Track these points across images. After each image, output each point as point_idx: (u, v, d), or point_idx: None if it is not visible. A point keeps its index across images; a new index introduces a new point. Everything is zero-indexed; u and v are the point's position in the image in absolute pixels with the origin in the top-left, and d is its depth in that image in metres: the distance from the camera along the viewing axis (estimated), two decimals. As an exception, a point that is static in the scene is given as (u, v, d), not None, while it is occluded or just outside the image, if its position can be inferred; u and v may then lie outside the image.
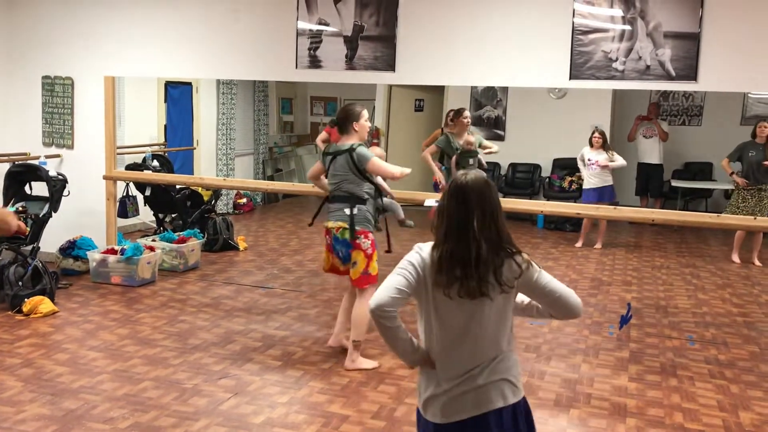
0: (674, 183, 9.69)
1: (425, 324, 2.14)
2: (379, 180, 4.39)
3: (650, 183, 9.73)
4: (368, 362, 4.28)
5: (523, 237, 8.66)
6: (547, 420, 3.65)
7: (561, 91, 9.91)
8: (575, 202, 8.86)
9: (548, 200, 9.56)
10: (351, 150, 4.16)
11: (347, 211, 4.19)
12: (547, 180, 10.11)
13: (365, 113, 4.27)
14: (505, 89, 10.27)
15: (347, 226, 4.20)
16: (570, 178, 9.77)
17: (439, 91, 10.50)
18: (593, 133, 8.16)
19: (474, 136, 6.59)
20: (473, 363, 2.07)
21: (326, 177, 4.38)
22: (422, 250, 2.11)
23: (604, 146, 8.10)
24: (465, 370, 2.07)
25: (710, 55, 4.66)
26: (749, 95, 9.97)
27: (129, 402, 3.67)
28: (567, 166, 9.80)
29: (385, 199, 4.57)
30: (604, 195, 8.04)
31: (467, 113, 6.65)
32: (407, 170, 4.30)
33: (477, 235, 2.02)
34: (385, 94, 10.74)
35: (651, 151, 9.63)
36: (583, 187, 8.24)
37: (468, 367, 2.07)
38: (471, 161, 6.39)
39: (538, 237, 8.87)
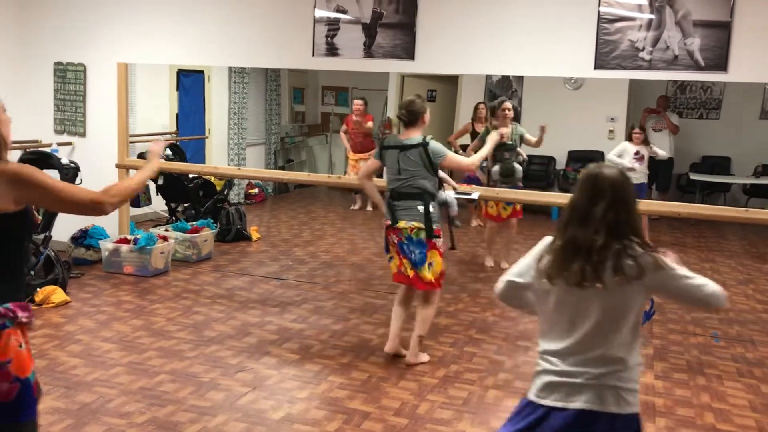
0: (693, 176, 9.54)
1: (541, 309, 2.11)
2: (443, 174, 4.25)
3: (658, 177, 9.58)
4: (425, 356, 4.20)
5: (537, 229, 8.53)
6: (574, 419, 3.54)
7: (577, 82, 9.75)
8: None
9: (563, 193, 9.42)
10: (425, 144, 3.99)
11: (421, 208, 3.96)
12: (562, 172, 9.97)
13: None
14: (520, 80, 10.11)
15: (422, 226, 3.97)
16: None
17: (452, 81, 10.36)
18: (633, 129, 7.88)
19: (511, 129, 6.37)
20: (582, 357, 2.00)
21: (385, 173, 4.16)
22: (546, 240, 2.14)
23: (645, 141, 7.87)
24: (575, 362, 2.01)
25: (742, 45, 4.53)
26: (768, 88, 9.80)
27: (145, 396, 3.59)
28: (581, 159, 9.65)
29: (446, 193, 4.38)
30: (641, 191, 7.90)
31: (508, 104, 6.41)
32: (478, 159, 4.29)
33: (599, 223, 1.98)
34: (398, 84, 10.61)
35: (660, 145, 9.46)
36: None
37: (577, 360, 2.01)
38: (507, 155, 6.23)
39: (554, 229, 8.73)
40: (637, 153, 7.78)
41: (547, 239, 2.14)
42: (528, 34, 5.00)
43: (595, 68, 4.89)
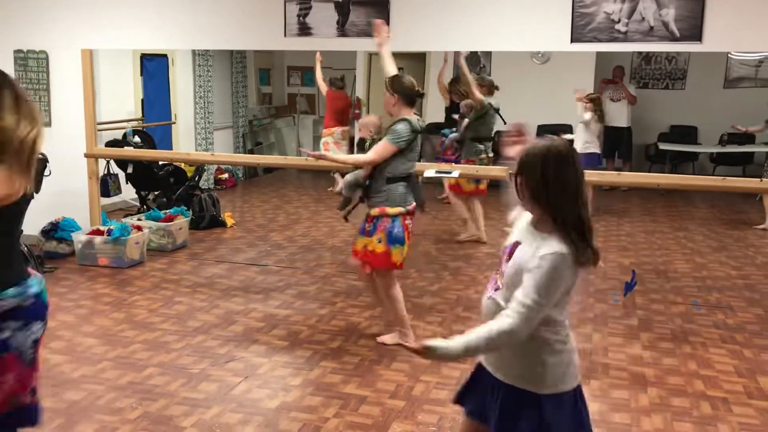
0: (662, 146, 9.67)
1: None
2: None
3: (619, 146, 9.72)
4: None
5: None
6: (568, 393, 3.57)
7: (544, 55, 9.77)
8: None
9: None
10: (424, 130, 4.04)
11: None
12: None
13: None
14: (488, 55, 10.09)
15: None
16: (555, 144, 9.70)
17: (419, 58, 10.28)
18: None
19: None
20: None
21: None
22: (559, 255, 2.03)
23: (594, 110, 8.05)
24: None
25: (716, 15, 4.56)
26: (731, 57, 9.94)
27: (135, 390, 3.51)
28: (551, 132, 9.63)
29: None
30: (590, 162, 8.04)
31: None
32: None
33: (585, 198, 1.96)
34: (365, 63, 10.51)
35: (619, 115, 9.61)
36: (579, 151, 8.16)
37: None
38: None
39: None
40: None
41: (559, 255, 1.93)
42: (503, 9, 4.96)
43: (572, 42, 4.88)
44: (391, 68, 4.07)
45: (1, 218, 2.11)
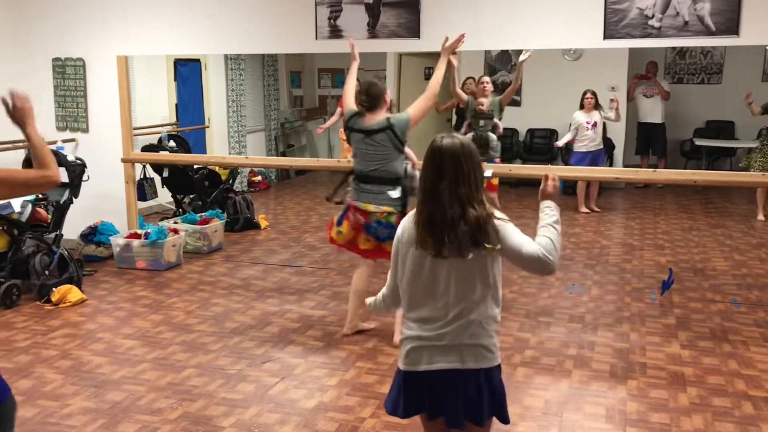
0: (697, 142, 9.51)
1: (401, 282, 2.20)
2: (407, 149, 4.15)
3: (653, 142, 9.61)
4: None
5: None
6: (606, 392, 3.54)
7: (576, 52, 9.68)
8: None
9: (566, 165, 9.38)
10: (390, 126, 3.93)
11: (392, 194, 3.94)
12: (565, 145, 9.90)
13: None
14: (519, 53, 10.01)
15: (392, 210, 3.96)
16: (587, 143, 9.58)
17: (451, 57, 10.26)
18: (585, 94, 8.01)
19: (489, 100, 6.49)
20: (442, 319, 2.10)
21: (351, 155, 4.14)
22: (406, 219, 2.20)
23: (596, 107, 7.98)
24: (436, 325, 2.11)
25: (753, 7, 4.47)
26: (770, 50, 9.73)
27: (175, 391, 3.57)
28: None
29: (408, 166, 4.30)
30: (598, 158, 7.98)
31: (486, 78, 6.70)
32: (434, 82, 4.11)
33: (449, 197, 2.04)
34: (396, 63, 10.51)
35: (652, 111, 9.51)
36: (576, 150, 8.09)
37: (438, 322, 2.11)
38: (482, 123, 6.31)
39: (560, 203, 8.70)
40: (588, 122, 7.84)
41: (408, 217, 2.19)
42: (535, 7, 4.93)
43: (605, 38, 4.83)
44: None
45: None
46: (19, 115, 2.26)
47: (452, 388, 2.09)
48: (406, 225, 2.18)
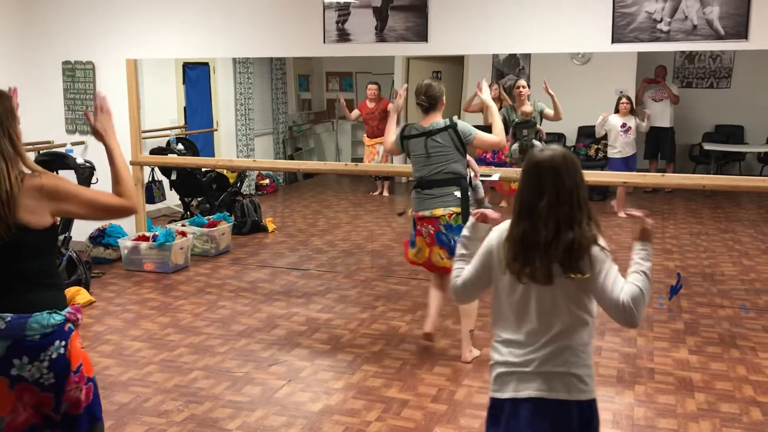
0: (706, 146, 9.48)
1: (495, 299, 2.07)
2: (468, 156, 4.12)
3: (661, 146, 9.56)
4: (477, 351, 4.03)
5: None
6: (613, 398, 3.53)
7: (585, 56, 9.66)
8: (602, 170, 8.66)
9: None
10: (453, 125, 3.92)
11: (457, 194, 3.88)
12: (573, 149, 9.89)
13: None
14: (527, 57, 10.02)
15: (460, 210, 3.88)
16: (596, 147, 9.54)
17: (458, 61, 10.26)
18: (620, 99, 7.96)
19: (532, 106, 6.35)
20: (533, 344, 1.97)
21: (411, 161, 4.04)
22: (497, 231, 2.06)
23: (632, 111, 7.93)
24: (525, 351, 1.98)
25: (763, 11, 4.45)
26: (779, 54, 9.70)
27: (181, 393, 3.57)
28: (592, 134, 9.55)
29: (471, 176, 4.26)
30: (630, 164, 7.92)
31: (522, 81, 6.49)
32: (501, 131, 4.16)
33: (547, 217, 1.89)
34: (404, 67, 10.52)
35: (661, 115, 9.45)
36: (611, 156, 8.04)
37: (528, 347, 1.97)
38: (527, 132, 6.19)
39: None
40: (623, 125, 7.76)
41: (502, 227, 2.04)
42: (543, 11, 4.93)
43: (613, 42, 4.82)
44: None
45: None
46: (104, 120, 2.27)
47: (537, 419, 1.93)
48: (501, 237, 2.01)
